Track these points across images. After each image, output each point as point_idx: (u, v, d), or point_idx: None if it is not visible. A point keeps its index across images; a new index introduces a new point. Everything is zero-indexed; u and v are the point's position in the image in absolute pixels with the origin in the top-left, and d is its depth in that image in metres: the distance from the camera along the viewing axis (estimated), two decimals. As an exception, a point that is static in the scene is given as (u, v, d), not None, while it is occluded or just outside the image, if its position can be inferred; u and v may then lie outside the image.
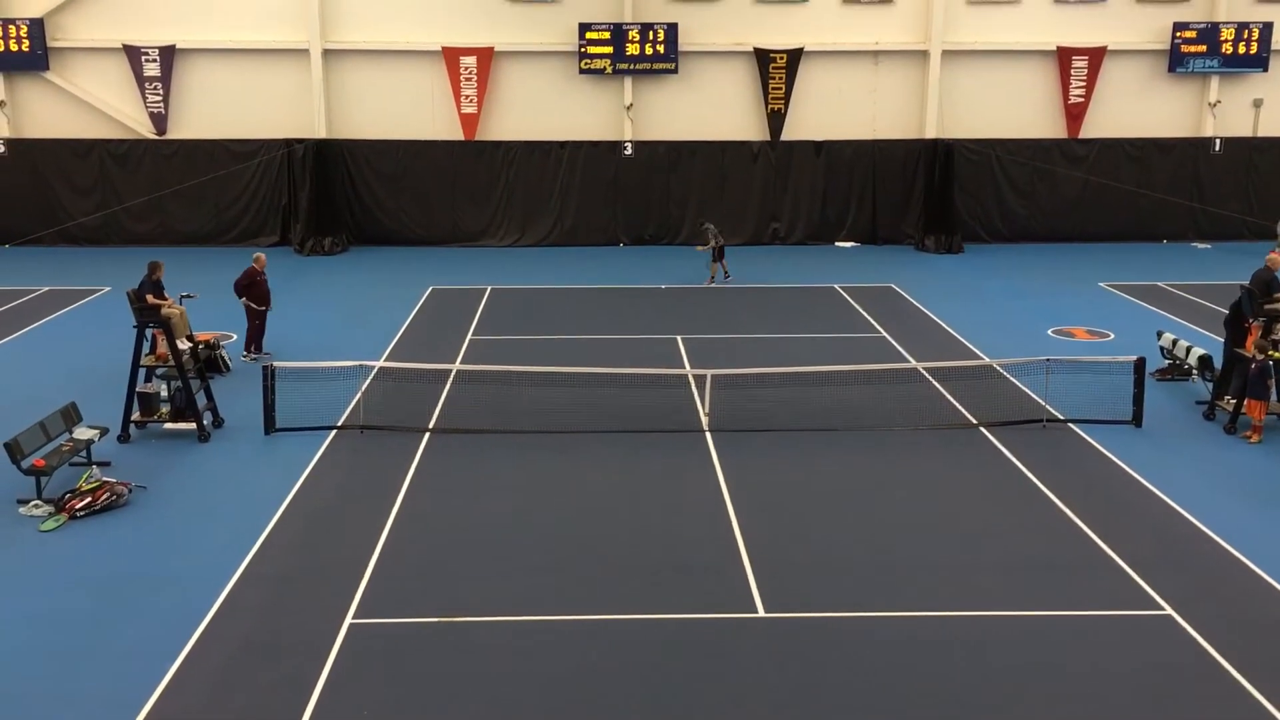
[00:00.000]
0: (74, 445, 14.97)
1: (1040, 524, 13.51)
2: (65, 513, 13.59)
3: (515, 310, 24.88)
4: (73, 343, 21.95)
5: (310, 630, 10.92)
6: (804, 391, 17.89)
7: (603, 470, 15.17)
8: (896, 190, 33.37)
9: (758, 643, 10.80)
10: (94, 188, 32.41)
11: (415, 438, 16.39)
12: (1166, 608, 11.41)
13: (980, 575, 12.14)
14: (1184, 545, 12.96)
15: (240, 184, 32.44)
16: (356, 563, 12.37)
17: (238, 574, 12.12)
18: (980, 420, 17.11)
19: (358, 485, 14.71)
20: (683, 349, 21.45)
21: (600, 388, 18.03)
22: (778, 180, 33.21)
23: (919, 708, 9.67)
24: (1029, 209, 33.54)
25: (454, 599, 11.59)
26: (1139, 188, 32.77)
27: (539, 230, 33.14)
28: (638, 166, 32.87)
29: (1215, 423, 17.23)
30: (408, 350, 21.34)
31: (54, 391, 17.61)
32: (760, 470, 15.16)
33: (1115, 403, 17.25)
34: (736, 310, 24.82)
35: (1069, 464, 15.46)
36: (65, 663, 10.39)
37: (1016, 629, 11.04)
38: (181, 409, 16.61)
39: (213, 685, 10.00)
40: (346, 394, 17.76)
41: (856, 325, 23.47)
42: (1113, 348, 21.27)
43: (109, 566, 12.39)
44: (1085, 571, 12.24)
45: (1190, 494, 14.35)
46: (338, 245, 31.97)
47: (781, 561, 12.44)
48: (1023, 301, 25.68)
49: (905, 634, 10.93)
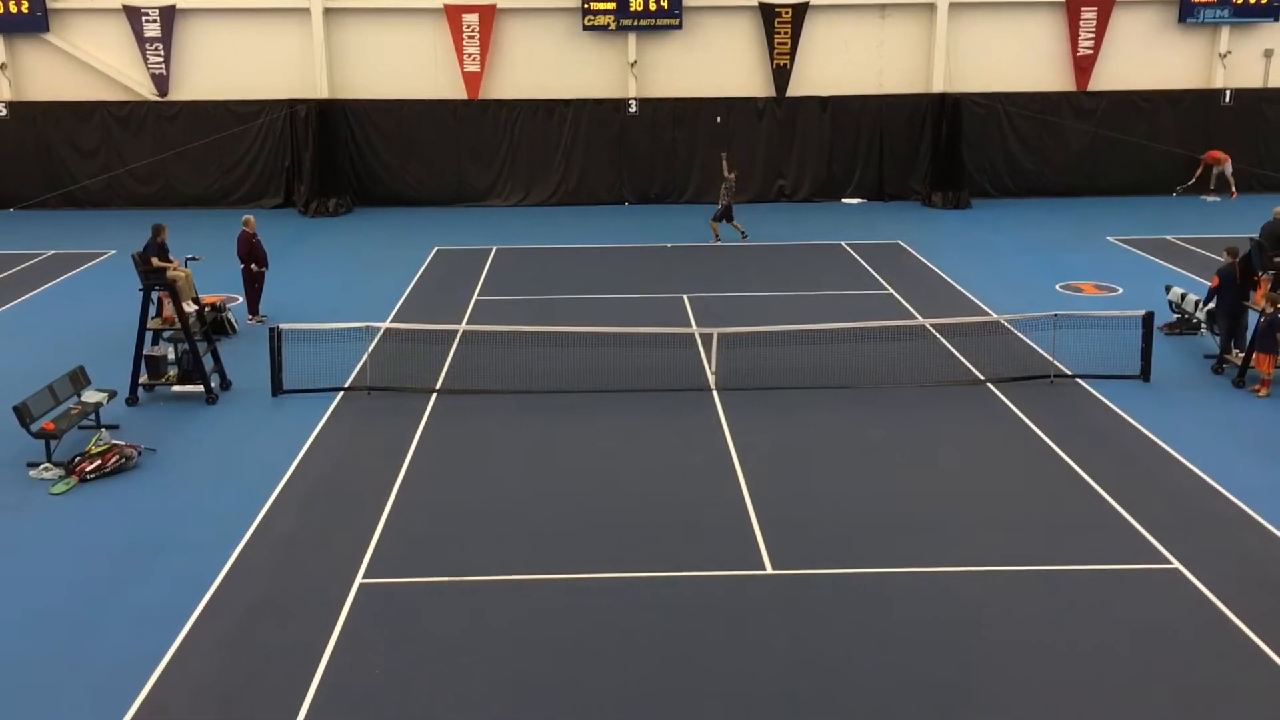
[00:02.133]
0: (83, 408, 15.01)
1: (1047, 479, 13.51)
2: (75, 475, 13.64)
3: (521, 270, 24.82)
4: (79, 306, 21.96)
5: (320, 591, 10.98)
6: (810, 349, 17.86)
7: (609, 430, 15.18)
8: (903, 146, 33.12)
9: (766, 599, 10.84)
10: (97, 150, 32.31)
11: (422, 399, 16.40)
12: (1174, 562, 11.43)
13: (987, 531, 12.16)
14: (1191, 500, 12.96)
15: (243, 146, 32.30)
16: (365, 523, 12.42)
17: (247, 535, 12.18)
18: (988, 376, 17.07)
19: (366, 446, 14.75)
20: (689, 308, 21.39)
21: (607, 347, 18.01)
22: (784, 137, 32.98)
23: (926, 662, 9.71)
24: (1037, 163, 33.29)
25: (463, 559, 11.64)
26: (1148, 140, 32.49)
27: (544, 189, 32.99)
28: (642, 124, 32.64)
29: (1224, 377, 17.17)
30: (414, 311, 21.32)
31: (61, 355, 17.64)
32: (767, 428, 15.16)
33: (1123, 358, 17.19)
34: (743, 268, 24.73)
35: (1077, 419, 15.43)
36: (77, 625, 10.46)
37: (1023, 583, 11.07)
38: (189, 372, 16.62)
39: (224, 646, 10.07)
40: (353, 355, 17.76)
41: (863, 282, 23.38)
42: (1121, 302, 21.18)
43: (119, 529, 12.45)
44: (1093, 526, 12.25)
45: (1198, 448, 14.33)
46: (342, 206, 31.87)
47: (789, 519, 12.47)
48: (1030, 256, 25.55)
49: (912, 589, 10.96)
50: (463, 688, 9.41)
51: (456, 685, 9.45)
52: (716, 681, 9.50)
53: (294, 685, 9.43)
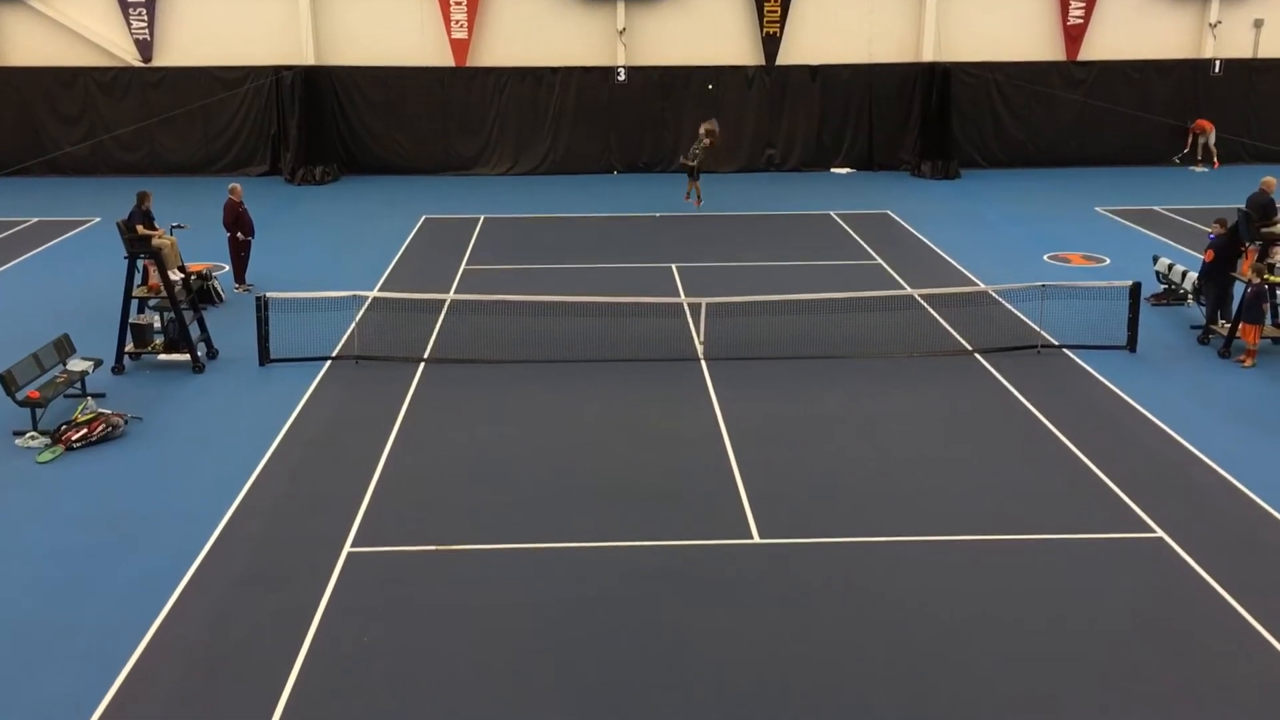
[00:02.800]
0: (68, 377, 14.94)
1: (1034, 449, 13.58)
2: (62, 444, 13.60)
3: (509, 239, 24.73)
4: (63, 274, 21.83)
5: (309, 560, 10.99)
6: (799, 319, 17.86)
7: (598, 399, 15.19)
8: (893, 115, 33.02)
9: (754, 568, 10.89)
10: (80, 117, 32.01)
11: (410, 368, 16.38)
12: (1158, 530, 11.51)
13: (974, 500, 12.22)
14: (1176, 469, 13.04)
15: (228, 112, 32.03)
16: (354, 493, 12.42)
17: (235, 505, 12.17)
18: (975, 346, 17.11)
19: (353, 415, 14.73)
20: (677, 277, 21.36)
21: (595, 317, 17.99)
22: (773, 106, 32.84)
23: (912, 631, 9.78)
24: (1026, 133, 33.24)
25: (451, 528, 11.66)
26: (1138, 110, 32.44)
27: (532, 158, 32.83)
28: (631, 93, 32.46)
29: (1210, 347, 17.25)
30: (401, 280, 21.25)
31: (46, 323, 17.55)
32: (755, 398, 15.18)
33: (1110, 328, 17.25)
34: (731, 238, 24.69)
35: (1063, 389, 15.50)
36: (65, 594, 10.46)
37: (1009, 552, 11.14)
38: (175, 340, 16.55)
39: (213, 615, 10.08)
40: (340, 324, 17.70)
41: (852, 252, 23.37)
42: (1108, 273, 21.23)
43: (107, 498, 12.43)
44: (1078, 495, 12.33)
45: (1184, 418, 14.41)
46: (329, 174, 31.67)
47: (776, 488, 12.51)
48: (1019, 227, 25.56)
49: (899, 558, 11.03)
50: (451, 655, 9.45)
51: (445, 652, 9.48)
52: (705, 647, 9.55)
53: (283, 653, 9.46)
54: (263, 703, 8.80)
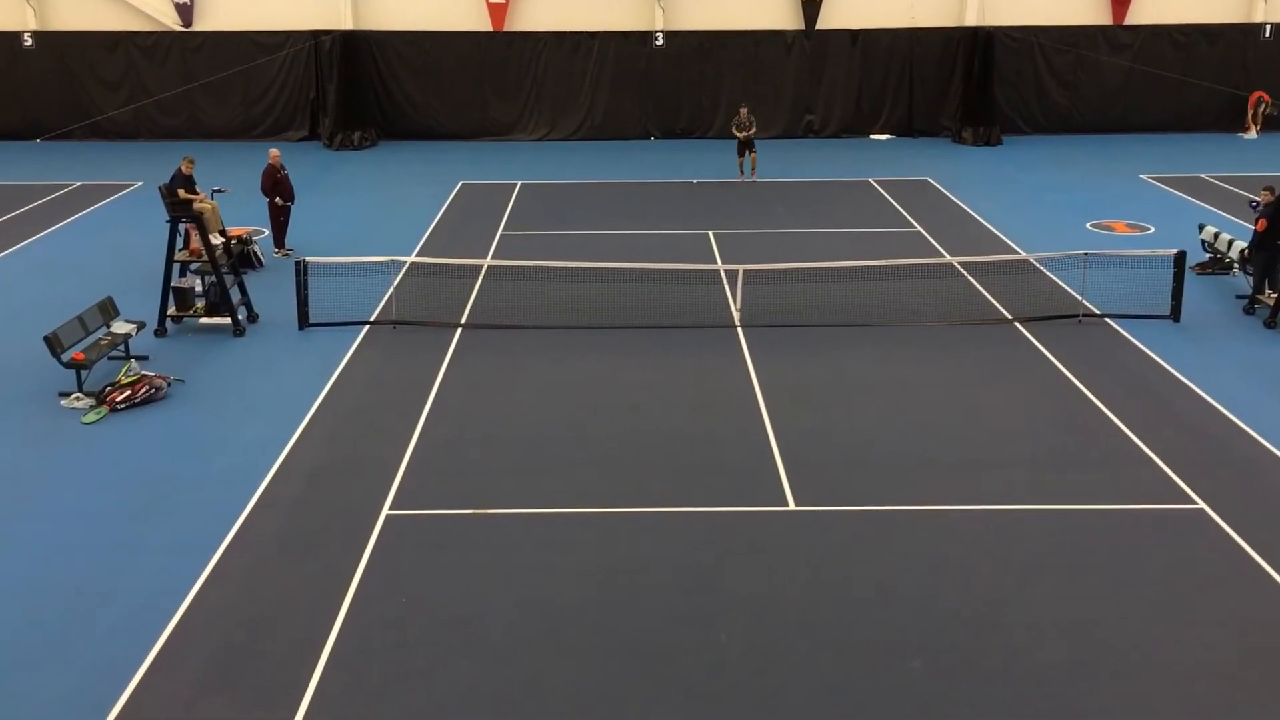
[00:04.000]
0: (112, 339, 15.12)
1: (1074, 419, 13.45)
2: (106, 405, 13.79)
3: (546, 205, 24.71)
4: (106, 237, 22.06)
5: (347, 522, 11.11)
6: (836, 286, 17.75)
7: (634, 365, 15.19)
8: (934, 81, 32.60)
9: (789, 535, 10.89)
10: (122, 81, 32.25)
11: (448, 333, 16.45)
12: (1199, 502, 11.39)
13: (1012, 469, 12.14)
14: (1219, 441, 12.88)
15: (268, 77, 32.16)
16: (391, 456, 12.52)
17: (275, 467, 12.31)
18: (1015, 315, 16.94)
19: (391, 380, 14.83)
20: (714, 244, 21.28)
21: (632, 283, 17.96)
22: (812, 71, 32.52)
23: (949, 598, 9.76)
24: (1070, 99, 32.72)
25: (488, 492, 11.73)
26: (1185, 76, 31.82)
27: (569, 124, 32.72)
28: (669, 58, 32.24)
29: (1255, 317, 16.98)
30: (439, 246, 21.30)
31: (89, 286, 17.76)
32: (792, 365, 15.13)
33: (1153, 297, 17.02)
34: (769, 205, 24.53)
35: (1105, 359, 15.32)
36: (109, 553, 10.64)
37: (1047, 522, 11.07)
38: (216, 304, 16.70)
39: (253, 575, 10.23)
40: (379, 289, 17.80)
41: (891, 219, 23.17)
42: (1152, 241, 20.92)
43: (150, 458, 12.61)
44: (1119, 466, 12.21)
45: (1227, 389, 14.21)
46: (366, 140, 31.74)
47: (812, 455, 12.48)
48: (1061, 195, 25.22)
49: (936, 527, 10.99)
50: (487, 616, 9.53)
51: (481, 614, 9.57)
52: (738, 610, 9.59)
53: (323, 613, 9.58)
54: (302, 662, 8.93)
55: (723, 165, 27.97)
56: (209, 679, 8.77)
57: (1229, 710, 8.34)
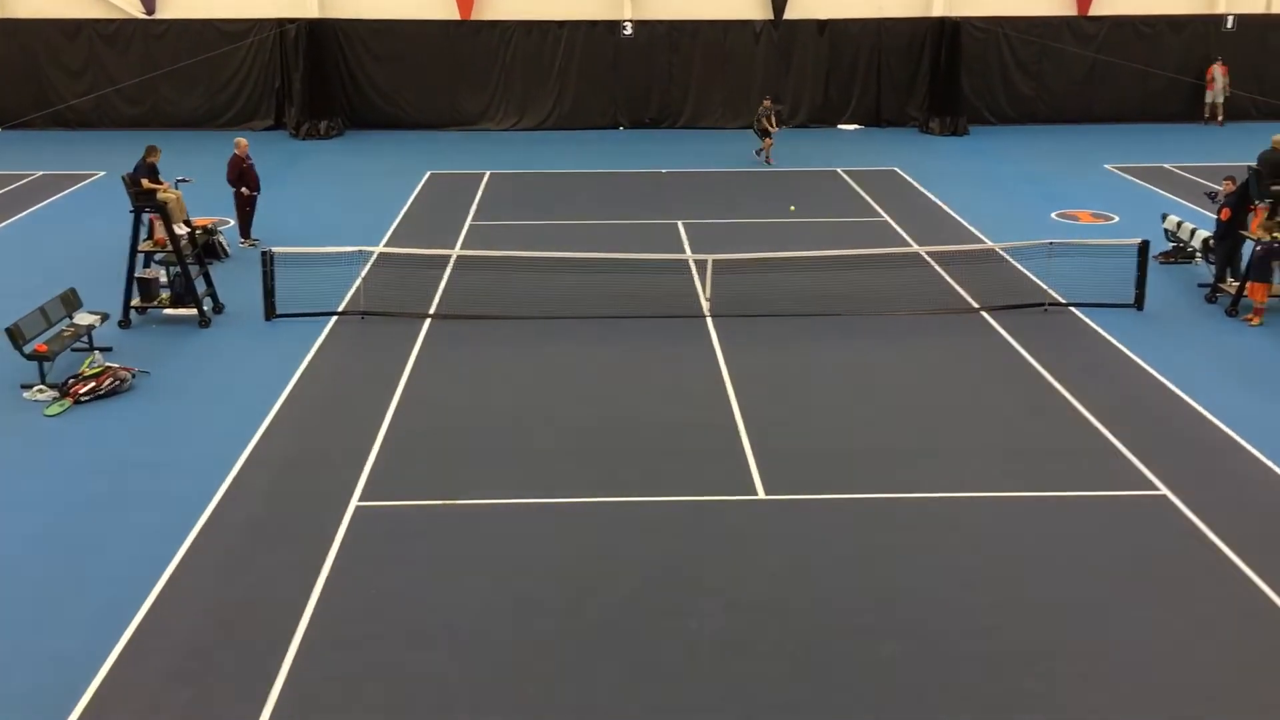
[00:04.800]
0: (75, 330, 14.97)
1: (1040, 407, 13.59)
2: (69, 397, 13.65)
3: (515, 195, 24.64)
4: (69, 228, 21.81)
5: (316, 513, 11.06)
6: (805, 276, 17.82)
7: (604, 356, 15.20)
8: (901, 71, 32.75)
9: (759, 524, 10.95)
10: (84, 69, 31.85)
11: (416, 324, 16.38)
12: (1163, 488, 11.54)
13: (979, 458, 12.25)
14: (1182, 428, 13.05)
15: (232, 66, 31.84)
16: (360, 447, 12.47)
17: (243, 458, 12.23)
18: (982, 304, 17.08)
19: (360, 371, 14.76)
20: (684, 234, 21.30)
21: (601, 273, 17.96)
22: (780, 61, 32.56)
23: (916, 586, 9.85)
24: (1036, 89, 32.97)
25: (458, 482, 11.71)
26: (1149, 66, 32.13)
27: (538, 113, 32.62)
28: (638, 47, 32.19)
29: (1217, 306, 17.20)
30: (407, 236, 21.21)
31: (52, 277, 17.55)
32: (761, 355, 15.19)
33: (1118, 286, 17.20)
34: (737, 194, 24.58)
35: (1070, 347, 15.48)
36: (76, 545, 10.55)
37: (1014, 509, 11.18)
38: (181, 294, 16.56)
39: (222, 566, 10.17)
40: (346, 280, 17.70)
41: (859, 209, 23.27)
42: (1117, 230, 21.14)
43: (115, 451, 12.50)
44: (1083, 453, 12.35)
45: (1190, 377, 14.40)
46: (333, 129, 31.51)
47: (782, 445, 12.54)
48: (1027, 184, 25.42)
49: (903, 515, 11.08)
50: (459, 606, 9.53)
51: (453, 604, 9.56)
52: (708, 597, 9.63)
53: (292, 604, 9.54)
54: (271, 654, 8.89)
55: (692, 155, 28.00)
56: (177, 671, 8.72)
57: (1193, 690, 8.47)
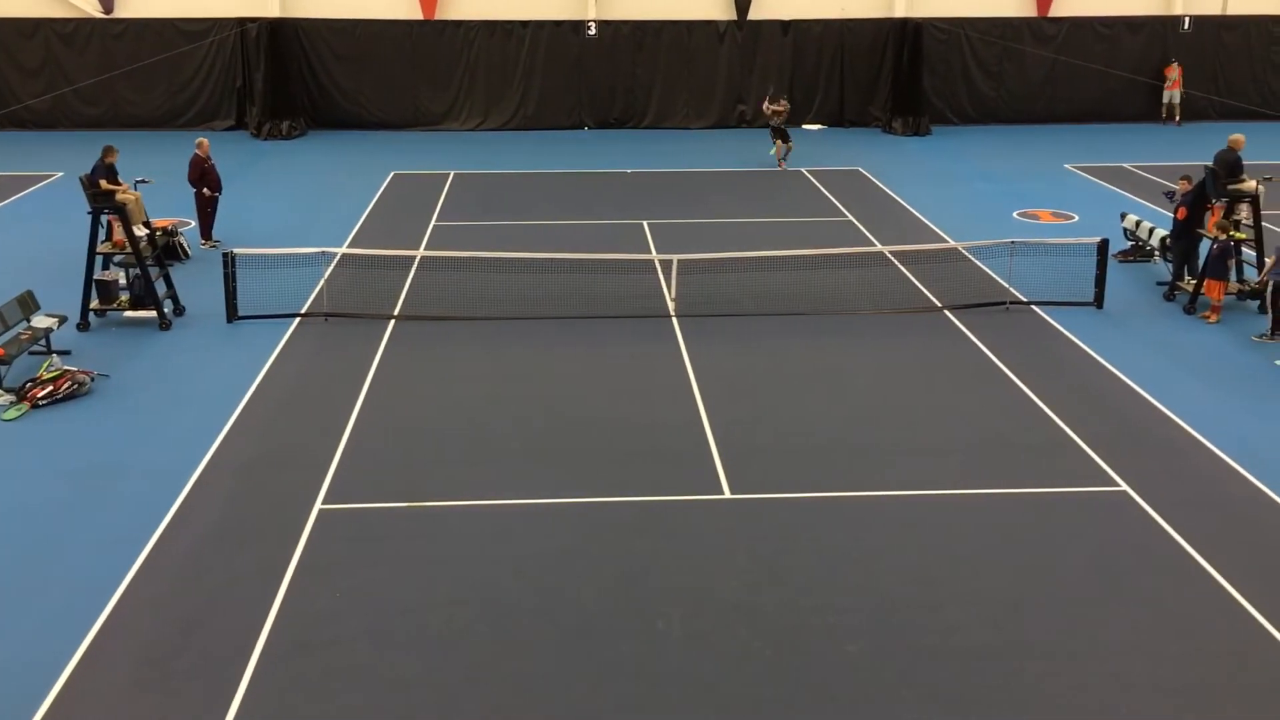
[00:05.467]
0: (32, 334, 14.76)
1: (1001, 405, 13.71)
2: (27, 402, 13.47)
3: (479, 196, 24.56)
4: (26, 229, 21.52)
5: (280, 516, 10.97)
6: (770, 276, 17.87)
7: (569, 356, 15.18)
8: (864, 71, 32.94)
9: (725, 523, 10.97)
10: (41, 69, 31.44)
11: (380, 325, 16.29)
12: (1123, 484, 11.68)
13: (942, 455, 12.34)
14: (1141, 424, 13.20)
15: (192, 65, 31.53)
16: (324, 449, 12.39)
17: (205, 461, 12.11)
18: (944, 303, 17.20)
19: (323, 373, 14.66)
20: (649, 234, 21.31)
21: (566, 273, 17.93)
22: (744, 61, 32.66)
23: (883, 582, 9.90)
24: (997, 90, 33.26)
25: (423, 484, 11.66)
26: (1108, 67, 32.49)
27: (502, 114, 32.53)
28: (602, 47, 32.18)
29: (1175, 303, 17.42)
30: (370, 237, 21.08)
31: (8, 279, 17.30)
32: (726, 354, 15.22)
33: (1078, 285, 17.38)
34: (702, 194, 24.63)
35: (1031, 345, 15.63)
36: (36, 550, 10.40)
37: (977, 506, 11.27)
38: (141, 297, 16.38)
39: (184, 570, 10.06)
40: (309, 281, 17.57)
41: (823, 209, 23.38)
42: (1077, 229, 21.36)
43: (75, 455, 12.34)
44: (1045, 450, 12.47)
45: (1149, 374, 14.57)
46: (295, 129, 31.28)
47: (747, 444, 12.58)
48: (988, 184, 25.64)
49: (868, 513, 11.14)
50: (424, 608, 9.48)
51: (418, 606, 9.51)
52: (675, 597, 9.64)
53: (256, 607, 9.46)
54: (235, 658, 8.81)
55: (657, 155, 28.01)
56: (139, 677, 8.62)
57: (1155, 684, 8.58)
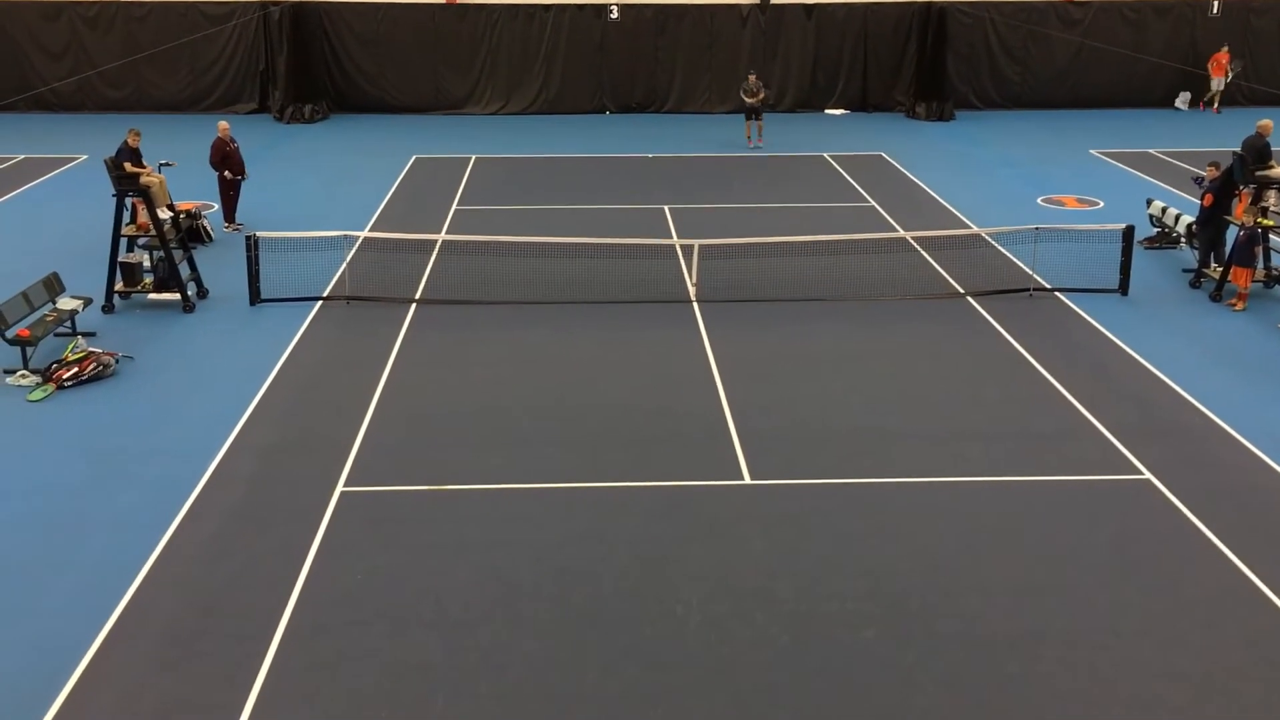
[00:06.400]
0: (58, 315, 14.88)
1: (1024, 392, 13.63)
2: (53, 383, 13.58)
3: (500, 180, 24.56)
4: (51, 212, 21.65)
5: (302, 499, 11.04)
6: (791, 261, 17.82)
7: (590, 341, 15.18)
8: (888, 55, 32.72)
9: (744, 508, 10.96)
10: (66, 52, 31.59)
11: (402, 309, 16.33)
12: (1146, 473, 11.60)
13: (964, 442, 12.28)
14: (1165, 413, 13.11)
15: (216, 48, 31.62)
16: (346, 433, 12.44)
17: (227, 444, 12.19)
18: (967, 289, 17.10)
19: (345, 356, 14.71)
20: (670, 219, 21.27)
21: (587, 258, 17.93)
22: (767, 45, 32.48)
23: (902, 569, 9.88)
24: (1022, 74, 32.98)
25: (443, 468, 11.70)
26: (1134, 51, 32.17)
27: (524, 98, 32.50)
28: (624, 31, 32.07)
29: (1201, 290, 17.27)
30: (392, 221, 21.12)
31: (34, 261, 17.44)
32: (747, 340, 15.19)
33: (1102, 271, 17.25)
34: (724, 180, 24.55)
35: (1055, 332, 15.53)
36: (58, 531, 10.50)
37: (999, 494, 11.23)
38: (165, 279, 16.47)
39: (207, 551, 10.14)
40: (331, 265, 17.63)
41: (845, 194, 23.27)
42: (1102, 215, 21.19)
43: (99, 436, 12.44)
44: (1068, 438, 12.40)
45: (1174, 362, 14.46)
46: (318, 113, 31.34)
47: (768, 430, 12.56)
48: (1013, 169, 25.45)
49: (889, 500, 11.11)
50: (445, 592, 9.52)
51: (439, 588, 9.56)
52: (693, 582, 9.65)
53: (277, 589, 9.53)
54: (257, 639, 8.88)
55: (678, 139, 27.94)
56: (163, 656, 8.70)
57: (1176, 674, 8.53)
